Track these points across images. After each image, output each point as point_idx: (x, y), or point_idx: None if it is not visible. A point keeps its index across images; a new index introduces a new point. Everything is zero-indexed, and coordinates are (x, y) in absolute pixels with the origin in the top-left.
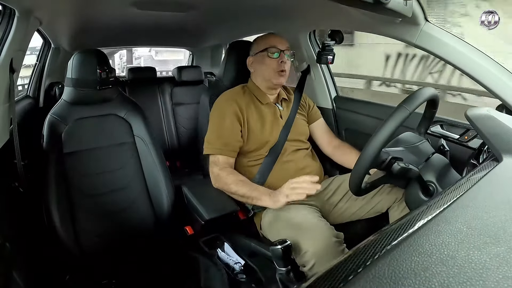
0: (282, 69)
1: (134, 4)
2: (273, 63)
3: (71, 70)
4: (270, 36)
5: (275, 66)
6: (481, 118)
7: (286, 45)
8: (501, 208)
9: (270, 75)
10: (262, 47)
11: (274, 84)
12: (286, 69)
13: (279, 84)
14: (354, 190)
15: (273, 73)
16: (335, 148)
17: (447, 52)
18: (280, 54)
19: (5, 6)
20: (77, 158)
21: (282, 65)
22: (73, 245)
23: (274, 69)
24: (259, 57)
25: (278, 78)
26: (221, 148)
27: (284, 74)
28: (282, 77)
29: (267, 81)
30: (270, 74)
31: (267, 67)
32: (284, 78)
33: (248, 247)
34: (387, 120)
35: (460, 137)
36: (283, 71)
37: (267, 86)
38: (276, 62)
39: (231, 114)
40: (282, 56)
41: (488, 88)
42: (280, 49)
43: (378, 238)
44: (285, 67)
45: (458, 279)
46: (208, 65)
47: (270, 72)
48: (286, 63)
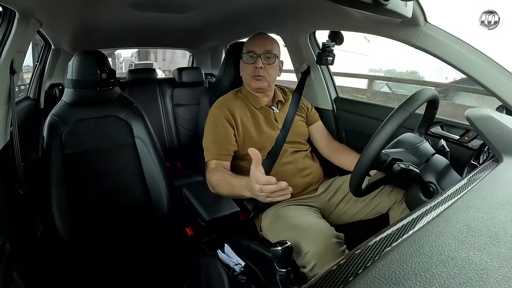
0: (257, 74)
1: (134, 5)
2: (248, 68)
3: (71, 72)
4: (252, 39)
5: (250, 71)
6: (481, 119)
7: (266, 47)
8: (502, 208)
9: (247, 80)
10: (243, 51)
11: (254, 89)
12: (262, 74)
13: (259, 88)
14: (354, 191)
15: (249, 78)
16: (333, 150)
17: (447, 53)
18: (256, 59)
19: (5, 8)
20: (77, 159)
21: (257, 71)
22: (73, 246)
23: (249, 74)
24: (241, 61)
25: (255, 82)
26: (216, 154)
27: (262, 79)
28: (259, 82)
29: (248, 85)
30: (247, 79)
31: (244, 72)
32: (262, 82)
33: (248, 248)
34: (387, 121)
35: (460, 137)
36: (258, 75)
37: (251, 90)
38: (251, 67)
39: (223, 120)
40: (257, 61)
41: (488, 88)
42: (256, 53)
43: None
44: (260, 72)
45: (459, 280)
46: (208, 66)
47: (247, 77)
48: (262, 68)
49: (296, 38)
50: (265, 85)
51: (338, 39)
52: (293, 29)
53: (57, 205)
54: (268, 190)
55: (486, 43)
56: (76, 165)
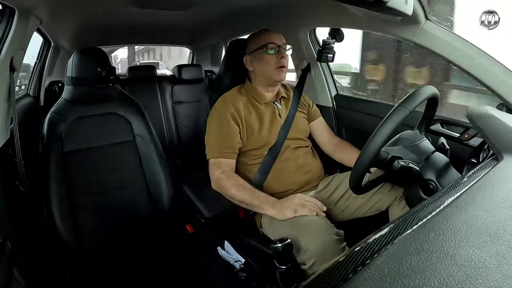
0: (282, 64)
1: (134, 2)
2: (272, 59)
3: (71, 69)
4: (266, 33)
5: (275, 62)
6: (482, 117)
7: (283, 40)
8: (501, 207)
9: (270, 72)
10: (259, 44)
11: (275, 81)
12: (286, 64)
13: (281, 80)
14: (354, 188)
15: (273, 69)
16: (335, 146)
17: (447, 50)
18: (278, 49)
19: (5, 5)
20: (77, 157)
21: (282, 61)
22: (73, 244)
23: (274, 65)
24: (257, 55)
25: (279, 74)
26: (221, 151)
27: (285, 70)
28: (283, 73)
29: (268, 79)
30: (271, 70)
31: (267, 64)
32: (285, 73)
33: (248, 245)
34: (387, 118)
35: (461, 135)
36: (283, 66)
37: (267, 84)
38: (275, 58)
39: (228, 117)
40: (281, 52)
41: (488, 86)
42: (278, 44)
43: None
44: (285, 62)
45: (458, 278)
46: (208, 63)
47: (270, 69)
48: (285, 58)
49: (296, 35)
50: (285, 77)
51: (339, 36)
52: (294, 26)
53: (57, 203)
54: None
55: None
56: (76, 163)
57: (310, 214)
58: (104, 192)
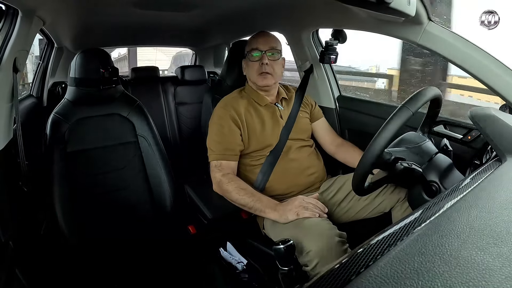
0: (263, 71)
1: (137, 4)
2: (254, 65)
3: (74, 70)
4: (255, 37)
5: (256, 68)
6: (485, 118)
7: (270, 44)
8: (504, 208)
9: (254, 78)
10: (247, 49)
11: (259, 86)
12: (269, 71)
13: (265, 86)
14: (357, 190)
15: (256, 75)
16: (338, 146)
17: (450, 51)
18: (262, 55)
19: (8, 6)
20: (80, 157)
21: (263, 67)
22: (76, 244)
23: (256, 71)
24: (246, 59)
25: (262, 80)
26: (222, 154)
27: (267, 76)
28: (265, 79)
29: (253, 83)
30: (253, 77)
31: (250, 69)
32: (268, 79)
33: (250, 247)
34: (390, 120)
35: (464, 137)
36: (264, 73)
37: (257, 88)
38: (257, 64)
39: (228, 120)
40: (263, 57)
41: (492, 87)
42: (261, 50)
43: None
44: (267, 68)
45: (461, 280)
46: (211, 64)
47: (252, 75)
48: (268, 65)
49: (299, 36)
50: (271, 82)
51: (341, 37)
52: (296, 27)
53: (60, 203)
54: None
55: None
56: (79, 163)
57: (312, 216)
58: (107, 192)
